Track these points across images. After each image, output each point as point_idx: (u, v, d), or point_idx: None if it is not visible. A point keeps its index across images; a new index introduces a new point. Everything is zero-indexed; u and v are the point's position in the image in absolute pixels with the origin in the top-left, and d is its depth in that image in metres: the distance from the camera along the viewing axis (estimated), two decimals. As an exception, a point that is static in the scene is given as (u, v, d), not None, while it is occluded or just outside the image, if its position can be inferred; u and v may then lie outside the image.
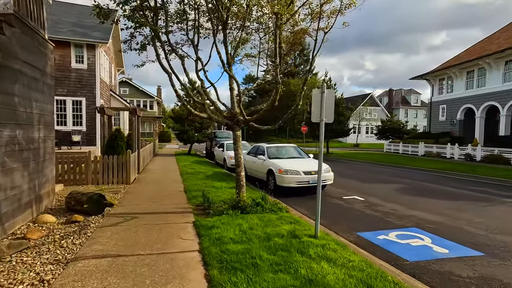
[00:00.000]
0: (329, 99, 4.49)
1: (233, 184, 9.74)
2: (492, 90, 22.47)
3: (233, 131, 6.56)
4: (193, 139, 23.00)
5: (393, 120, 37.46)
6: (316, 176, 9.14)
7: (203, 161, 18.81)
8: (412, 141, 28.81)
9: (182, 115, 23.00)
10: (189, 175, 11.85)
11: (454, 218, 6.52)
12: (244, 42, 7.38)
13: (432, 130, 28.64)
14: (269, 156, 10.60)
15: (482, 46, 25.50)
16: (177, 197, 7.88)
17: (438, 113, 28.07)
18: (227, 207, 6.57)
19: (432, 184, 11.57)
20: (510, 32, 24.36)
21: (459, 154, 22.02)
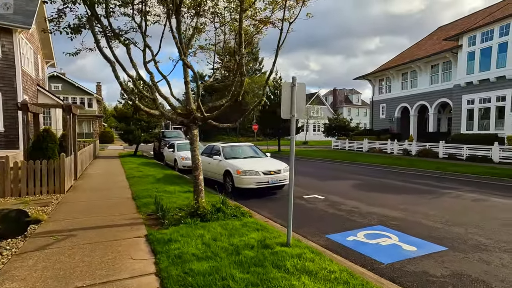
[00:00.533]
0: (300, 93, 4.12)
1: (187, 187, 8.99)
2: (422, 91, 24.80)
3: (189, 130, 5.87)
4: (139, 139, 21.29)
5: (339, 118, 39.47)
6: (276, 176, 8.85)
7: (152, 162, 17.45)
8: (357, 138, 30.55)
9: (126, 113, 21.14)
10: (137, 179, 10.72)
11: (411, 213, 6.72)
12: (199, 31, 6.71)
13: (374, 128, 30.73)
14: (225, 156, 10.04)
15: (412, 51, 28.04)
16: (124, 206, 6.90)
17: (379, 112, 30.21)
18: (184, 214, 5.88)
19: (382, 179, 12.13)
20: (433, 40, 27.15)
21: (398, 149, 23.84)
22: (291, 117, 4.16)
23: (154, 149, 24.31)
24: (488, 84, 18.19)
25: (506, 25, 17.18)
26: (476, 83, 18.81)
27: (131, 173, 12.44)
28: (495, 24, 17.58)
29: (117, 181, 10.66)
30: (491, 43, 17.85)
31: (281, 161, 10.14)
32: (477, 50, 18.67)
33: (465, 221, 6.10)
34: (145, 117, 21.18)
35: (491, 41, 17.84)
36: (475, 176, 12.00)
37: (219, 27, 7.53)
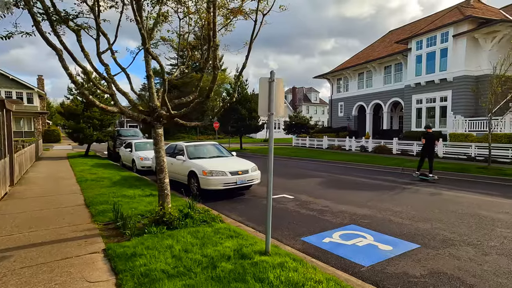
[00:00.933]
0: (278, 89, 3.84)
1: (149, 190, 8.32)
2: (377, 90, 26.20)
3: (153, 129, 5.30)
4: (91, 138, 19.58)
5: (299, 116, 40.33)
6: (244, 176, 8.53)
7: (106, 163, 16.11)
8: (317, 135, 31.40)
9: (76, 110, 19.29)
10: (91, 183, 9.70)
11: (379, 210, 6.85)
12: (165, 17, 6.13)
13: (333, 125, 31.85)
14: (190, 156, 9.49)
15: (368, 53, 29.52)
16: (75, 215, 6.09)
17: (338, 110, 31.36)
18: (148, 222, 5.32)
19: (346, 176, 12.44)
20: (385, 42, 28.87)
21: (355, 146, 24.89)
22: (270, 115, 3.87)
23: (108, 149, 22.60)
24: (433, 86, 19.71)
25: (446, 32, 18.74)
26: (423, 84, 20.27)
27: (83, 175, 11.28)
28: (437, 31, 19.08)
29: (66, 185, 9.54)
30: (435, 48, 19.34)
31: (247, 160, 9.86)
32: (423, 54, 20.11)
33: (429, 216, 6.34)
34: (97, 114, 19.54)
35: (435, 46, 19.34)
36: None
37: (183, 17, 6.98)
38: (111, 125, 21.69)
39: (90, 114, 19.29)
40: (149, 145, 15.44)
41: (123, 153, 15.70)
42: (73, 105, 19.66)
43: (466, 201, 7.60)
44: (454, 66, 18.51)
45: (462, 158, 16.39)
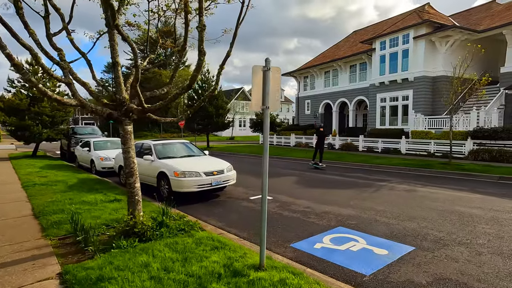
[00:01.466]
0: (274, 79, 3.35)
1: (112, 195, 7.41)
2: (342, 89, 26.84)
3: (120, 125, 4.54)
4: (40, 137, 17.53)
5: (266, 113, 40.28)
6: (219, 177, 7.94)
7: (60, 164, 14.48)
8: (284, 133, 31.49)
9: (19, 105, 17.11)
10: (41, 188, 8.46)
11: (363, 209, 6.68)
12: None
13: (300, 123, 32.15)
14: (159, 155, 8.67)
15: (333, 51, 30.17)
16: (20, 229, 5.10)
17: (304, 107, 31.69)
18: (115, 234, 4.56)
19: (319, 174, 12.34)
20: (350, 42, 29.74)
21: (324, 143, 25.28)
22: (264, 108, 3.36)
23: (61, 148, 20.53)
24: (396, 85, 20.55)
25: (407, 34, 19.62)
26: (387, 83, 21.06)
27: (31, 179, 9.88)
28: (399, 32, 19.90)
29: (8, 191, 8.22)
30: (397, 49, 20.17)
31: (219, 158, 9.27)
32: (387, 54, 20.89)
33: (412, 214, 6.29)
34: (48, 110, 17.56)
35: (397, 47, 20.16)
36: (395, 167, 13.21)
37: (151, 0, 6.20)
38: (64, 122, 19.67)
39: (39, 109, 17.25)
40: (110, 144, 14.14)
41: (79, 153, 14.20)
42: (16, 99, 17.45)
43: (441, 197, 7.74)
44: (415, 67, 19.42)
45: (422, 154, 17.22)
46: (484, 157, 13.97)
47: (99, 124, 62.25)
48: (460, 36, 18.51)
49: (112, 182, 9.91)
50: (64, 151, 20.03)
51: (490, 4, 21.57)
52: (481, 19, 20.07)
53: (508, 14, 18.13)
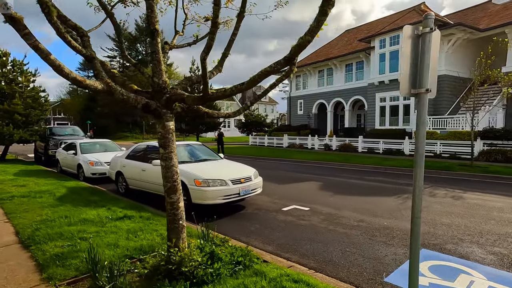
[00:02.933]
0: (434, 48, 2.22)
1: (119, 209, 5.99)
2: (338, 88, 26.23)
3: (158, 122, 3.24)
4: (11, 138, 15.38)
5: (255, 114, 39.16)
6: (247, 185, 6.71)
7: (37, 170, 12.59)
8: (276, 133, 30.49)
9: (-12, 101, 14.94)
10: (21, 201, 6.84)
11: (430, 224, 5.70)
12: None
13: (292, 123, 31.28)
14: None
15: (327, 50, 29.57)
16: (6, 268, 3.64)
17: (297, 107, 30.86)
18: (148, 272, 3.25)
19: (335, 177, 11.36)
20: (344, 41, 29.27)
21: (318, 144, 24.49)
22: (421, 94, 2.22)
23: (35, 151, 18.33)
24: (397, 84, 20.08)
25: (411, 32, 19.17)
26: (387, 82, 20.58)
27: (5, 189, 8.17)
28: (400, 30, 19.43)
29: (-17, 207, 6.54)
30: (398, 47, 19.72)
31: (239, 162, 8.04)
32: (387, 52, 20.41)
33: (493, 229, 5.39)
34: (20, 108, 15.44)
35: (398, 45, 19.71)
36: (412, 169, 12.49)
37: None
38: (39, 122, 17.53)
39: (9, 107, 15.13)
40: (99, 146, 12.46)
41: (62, 157, 12.38)
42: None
43: (503, 206, 6.93)
44: (416, 66, 19.00)
45: (428, 156, 16.75)
46: (498, 158, 13.60)
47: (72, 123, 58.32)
48: (462, 35, 18.30)
49: (109, 192, 8.39)
50: (39, 154, 17.88)
51: (485, 4, 21.68)
52: (479, 19, 20.05)
53: (508, 14, 18.14)
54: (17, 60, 16.26)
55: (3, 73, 15.61)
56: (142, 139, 44.30)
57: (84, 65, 68.01)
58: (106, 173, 10.58)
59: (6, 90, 15.40)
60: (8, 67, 15.97)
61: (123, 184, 8.49)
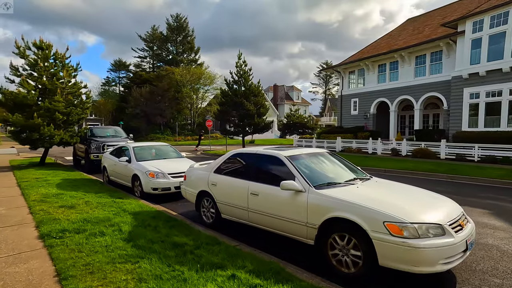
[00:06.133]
0: None
1: (249, 273, 3.18)
2: (404, 84, 22.69)
3: None
4: (52, 140, 13.35)
5: (297, 114, 36.16)
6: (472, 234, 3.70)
7: (82, 180, 10.26)
8: (326, 136, 27.35)
9: (26, 99, 12.95)
10: (76, 244, 4.26)
11: None
12: None
13: (344, 125, 27.98)
14: (312, 180, 4.41)
15: (387, 41, 26.04)
16: None
17: (350, 107, 27.53)
18: None
19: (474, 198, 8.15)
20: (408, 30, 25.62)
21: (382, 149, 21.14)
22: None
23: (74, 155, 16.33)
24: (499, 75, 16.36)
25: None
26: (483, 74, 16.90)
27: (50, 214, 5.72)
28: (508, 6, 15.66)
29: (13, 249, 3.99)
30: (505, 28, 15.92)
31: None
32: (484, 37, 16.72)
33: None
34: (62, 106, 13.37)
35: (505, 26, 15.91)
36: None
37: None
38: (80, 122, 15.50)
39: (50, 105, 13.09)
40: (156, 151, 9.94)
41: (111, 164, 9.97)
42: (23, 91, 13.27)
43: None
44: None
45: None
46: None
47: (103, 125, 57.68)
48: None
49: (191, 222, 5.71)
50: (78, 158, 15.88)
51: None
52: None
53: None
54: (60, 53, 14.30)
55: (45, 68, 13.66)
56: (173, 140, 42.48)
57: (115, 66, 67.99)
58: (170, 188, 8.03)
59: (47, 86, 13.42)
60: (50, 61, 14.04)
61: (210, 210, 5.81)
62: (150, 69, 61.73)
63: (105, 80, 71.71)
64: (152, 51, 61.95)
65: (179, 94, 51.39)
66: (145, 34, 60.75)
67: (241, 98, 21.80)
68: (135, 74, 58.66)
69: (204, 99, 57.19)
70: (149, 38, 60.53)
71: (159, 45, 60.58)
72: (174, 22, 59.63)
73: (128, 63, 66.49)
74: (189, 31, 60.72)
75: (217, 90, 56.49)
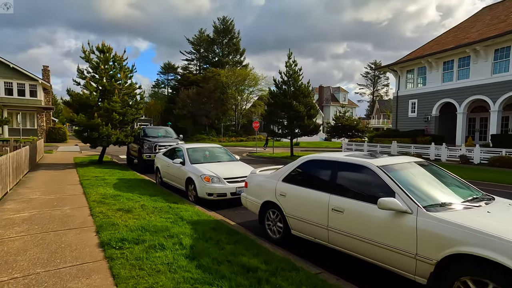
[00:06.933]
0: None
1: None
2: (478, 82, 20.01)
3: None
4: (109, 140, 13.75)
5: (346, 116, 34.28)
6: None
7: (136, 180, 10.22)
8: (380, 140, 25.37)
9: (88, 100, 13.49)
10: (136, 258, 3.78)
11: None
12: None
13: (400, 128, 25.71)
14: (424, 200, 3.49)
15: (456, 35, 23.36)
16: None
17: (407, 109, 25.20)
18: None
19: None
20: (484, 20, 22.66)
21: (448, 155, 18.85)
22: None
23: (128, 154, 16.76)
24: None
25: None
26: None
27: (110, 217, 5.41)
28: None
29: (75, 259, 3.60)
30: None
31: None
32: None
33: None
34: (118, 106, 13.73)
35: None
36: None
37: None
38: (134, 121, 15.88)
39: (109, 105, 13.48)
40: (210, 153, 9.52)
41: (164, 165, 9.76)
42: (86, 92, 13.86)
43: None
44: None
45: None
46: None
47: (152, 125, 60.54)
48: None
49: (260, 239, 5.03)
50: (131, 157, 16.25)
51: None
52: None
53: None
54: (118, 55, 14.77)
55: (105, 70, 14.17)
56: (218, 141, 42.96)
57: (164, 69, 71.28)
58: (226, 194, 7.48)
59: (107, 87, 13.88)
60: (109, 63, 14.55)
61: (276, 224, 5.08)
62: (197, 71, 63.49)
63: (155, 82, 75.53)
64: (199, 53, 63.65)
65: (224, 95, 52.05)
66: (193, 37, 62.66)
67: (290, 99, 20.94)
68: (182, 76, 60.76)
69: (249, 100, 57.35)
70: (196, 41, 62.31)
71: (205, 47, 62.07)
72: (220, 25, 60.69)
73: (176, 66, 69.17)
74: (234, 33, 61.37)
75: (261, 92, 56.40)
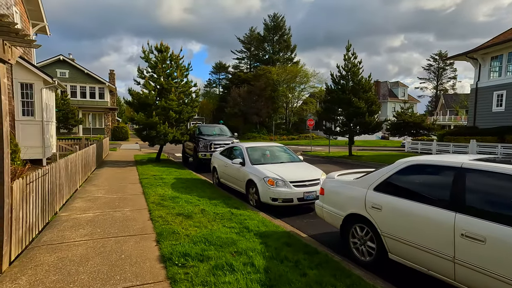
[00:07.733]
0: None
1: None
2: None
3: None
4: (166, 138, 13.80)
5: (409, 112, 31.07)
6: None
7: (193, 180, 9.87)
8: (454, 138, 22.31)
9: (147, 99, 13.69)
10: (203, 284, 3.08)
11: None
12: None
13: (480, 124, 22.30)
14: None
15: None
16: None
17: (491, 102, 21.71)
18: None
19: None
20: None
21: (548, 157, 15.44)
22: None
23: (183, 152, 16.80)
24: None
25: None
26: None
27: (170, 223, 4.90)
28: None
29: (141, 278, 3.03)
30: None
31: None
32: None
33: None
34: (175, 104, 13.69)
35: None
36: None
37: None
38: (190, 120, 15.83)
39: (166, 103, 13.50)
40: (270, 153, 8.72)
41: (221, 165, 9.20)
42: (145, 91, 14.09)
43: None
44: None
45: None
46: None
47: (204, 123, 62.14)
48: None
49: (345, 260, 4.05)
50: (187, 155, 16.22)
51: None
52: None
53: None
54: (175, 54, 14.80)
55: (162, 69, 14.29)
56: (269, 139, 42.34)
57: (216, 69, 72.96)
58: (292, 200, 6.59)
59: (164, 86, 13.97)
60: (167, 62, 14.67)
61: (366, 243, 4.04)
62: (248, 70, 63.72)
63: (207, 82, 77.83)
64: (250, 52, 63.75)
65: (275, 93, 51.34)
66: (243, 36, 62.94)
67: (349, 95, 19.29)
68: (233, 75, 61.43)
69: (300, 97, 55.85)
70: (247, 40, 62.48)
71: (256, 45, 61.95)
72: (271, 22, 60.05)
73: (227, 65, 70.28)
74: (285, 29, 60.25)
75: (313, 89, 54.48)
